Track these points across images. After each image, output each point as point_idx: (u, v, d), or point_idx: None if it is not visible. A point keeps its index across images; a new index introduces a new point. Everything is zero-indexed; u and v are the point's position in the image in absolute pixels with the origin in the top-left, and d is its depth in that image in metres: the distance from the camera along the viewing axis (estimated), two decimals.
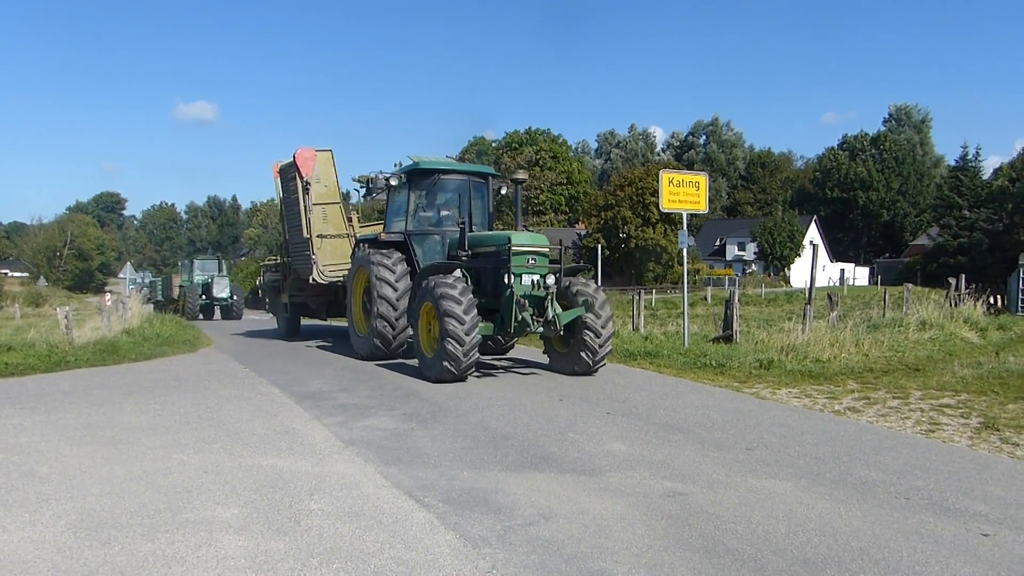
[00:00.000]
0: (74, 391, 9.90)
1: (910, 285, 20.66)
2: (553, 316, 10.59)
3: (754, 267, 79.50)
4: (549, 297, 10.63)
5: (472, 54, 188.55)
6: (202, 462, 6.28)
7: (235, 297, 35.67)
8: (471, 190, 13.50)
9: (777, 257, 76.05)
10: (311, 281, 16.14)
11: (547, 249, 11.12)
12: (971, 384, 10.22)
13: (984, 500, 5.48)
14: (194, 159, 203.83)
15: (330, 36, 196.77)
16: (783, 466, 6.37)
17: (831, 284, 64.86)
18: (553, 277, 10.79)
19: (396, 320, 12.32)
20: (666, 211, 15.44)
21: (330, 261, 16.42)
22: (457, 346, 9.89)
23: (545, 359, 12.28)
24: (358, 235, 16.46)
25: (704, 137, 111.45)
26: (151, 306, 33.05)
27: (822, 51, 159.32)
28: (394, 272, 12.43)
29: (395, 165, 14.45)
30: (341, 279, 15.79)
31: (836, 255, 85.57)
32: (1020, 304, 19.41)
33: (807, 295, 15.45)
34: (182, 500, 5.26)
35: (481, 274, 11.31)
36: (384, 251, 12.86)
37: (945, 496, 5.56)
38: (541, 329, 10.71)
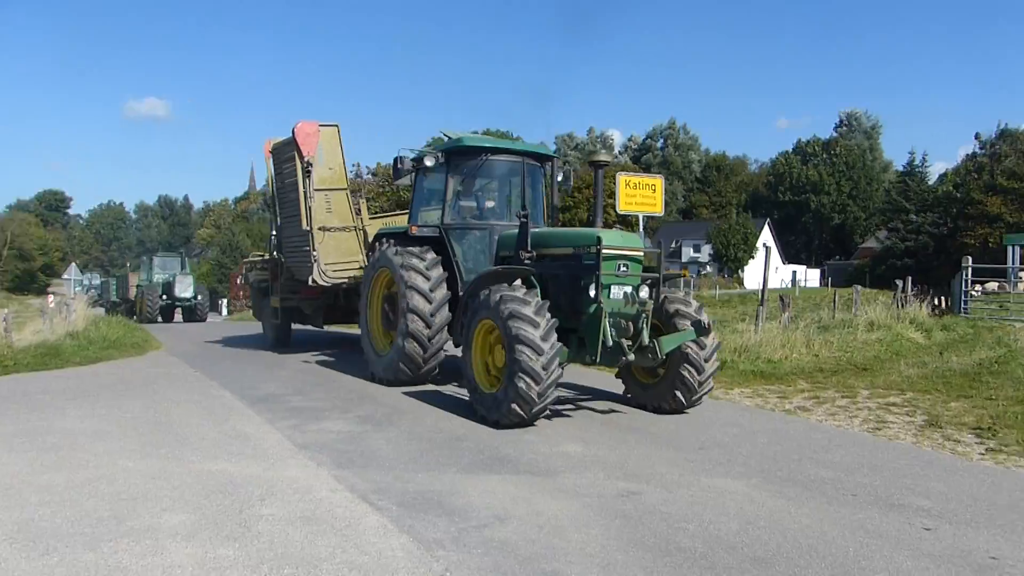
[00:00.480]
0: (13, 396, 9.58)
1: (859, 287, 21.13)
2: (651, 341, 8.15)
3: (709, 269, 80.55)
4: (644, 316, 8.18)
5: (435, 53, 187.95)
6: (148, 468, 6.13)
7: (199, 297, 32.40)
8: (525, 175, 10.85)
9: (731, 259, 77.14)
10: (310, 282, 13.60)
11: (642, 253, 8.54)
12: (916, 383, 10.49)
13: (927, 496, 5.62)
14: (144, 157, 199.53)
15: (288, 30, 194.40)
16: (735, 465, 6.45)
17: (784, 286, 65.99)
18: (647, 289, 8.28)
19: (430, 338, 9.89)
20: (623, 213, 15.56)
21: (334, 259, 13.91)
22: (531, 384, 7.37)
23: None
24: (367, 228, 14.38)
25: (661, 140, 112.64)
26: (101, 309, 31.79)
27: (777, 57, 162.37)
28: (429, 276, 10.00)
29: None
30: (347, 280, 13.72)
31: (788, 257, 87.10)
32: (963, 306, 19.98)
33: (760, 297, 15.71)
34: (127, 508, 5.12)
35: (551, 283, 8.55)
36: (415, 249, 10.31)
37: (891, 492, 5.69)
38: (633, 357, 8.15)
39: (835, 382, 10.76)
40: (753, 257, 76.68)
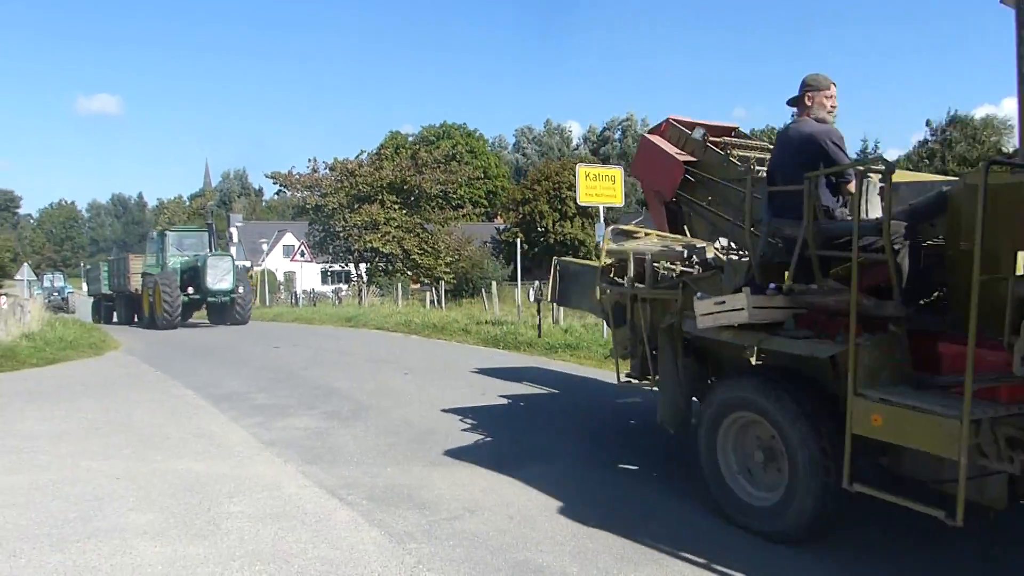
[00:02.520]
0: None
1: None
2: None
3: None
4: None
5: (382, 47, 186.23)
6: (113, 469, 6.05)
7: (241, 289, 22.07)
8: None
9: None
10: None
11: None
12: None
13: None
14: (96, 154, 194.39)
15: (239, 23, 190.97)
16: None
17: None
18: None
19: None
20: (583, 204, 15.67)
21: None
22: None
23: None
24: None
25: (619, 132, 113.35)
26: (62, 314, 26.92)
27: (734, 47, 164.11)
28: None
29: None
30: None
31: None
32: None
33: None
34: (93, 508, 5.06)
35: None
36: None
37: None
38: None
39: None
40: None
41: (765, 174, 5.10)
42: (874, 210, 4.29)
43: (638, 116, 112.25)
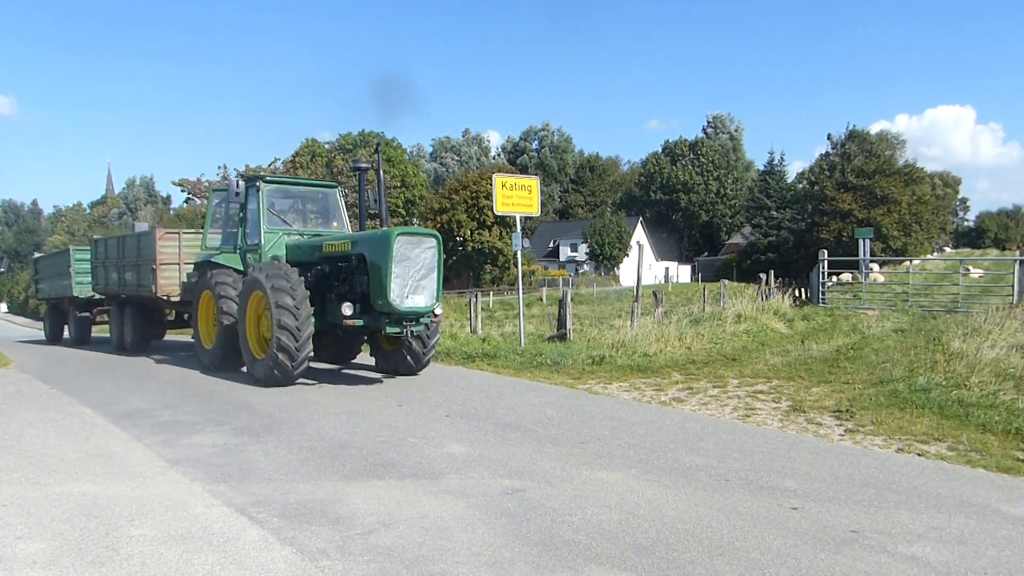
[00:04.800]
0: None
1: (727, 281, 22.19)
2: None
3: (586, 267, 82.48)
4: None
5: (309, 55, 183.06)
6: None
7: (440, 311, 11.03)
8: None
9: (607, 257, 79.30)
10: None
11: None
12: (781, 371, 11.11)
13: (793, 477, 5.96)
14: None
15: (145, 24, 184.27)
16: (615, 457, 6.63)
17: (657, 282, 68.45)
18: None
19: None
20: (500, 214, 15.72)
21: None
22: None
23: None
24: None
25: (536, 142, 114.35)
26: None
27: (648, 61, 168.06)
28: None
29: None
30: None
31: (660, 254, 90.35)
32: (821, 296, 21.31)
33: (635, 293, 16.21)
34: None
35: None
36: None
37: (760, 475, 6.00)
38: None
39: (707, 373, 11.24)
40: (628, 255, 79.15)
41: None
42: None
43: (554, 126, 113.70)
